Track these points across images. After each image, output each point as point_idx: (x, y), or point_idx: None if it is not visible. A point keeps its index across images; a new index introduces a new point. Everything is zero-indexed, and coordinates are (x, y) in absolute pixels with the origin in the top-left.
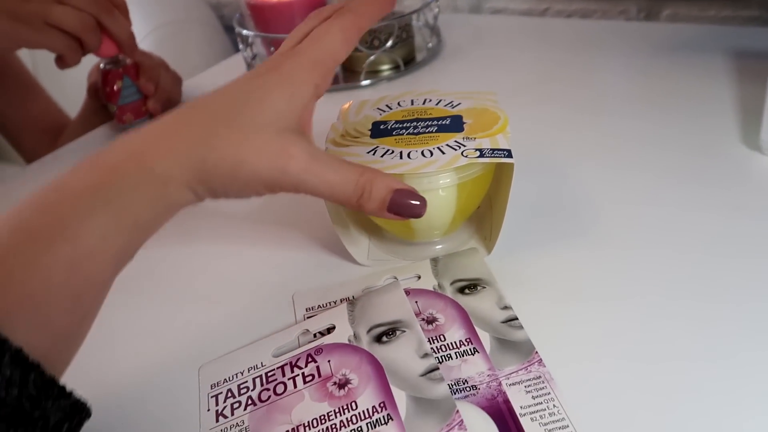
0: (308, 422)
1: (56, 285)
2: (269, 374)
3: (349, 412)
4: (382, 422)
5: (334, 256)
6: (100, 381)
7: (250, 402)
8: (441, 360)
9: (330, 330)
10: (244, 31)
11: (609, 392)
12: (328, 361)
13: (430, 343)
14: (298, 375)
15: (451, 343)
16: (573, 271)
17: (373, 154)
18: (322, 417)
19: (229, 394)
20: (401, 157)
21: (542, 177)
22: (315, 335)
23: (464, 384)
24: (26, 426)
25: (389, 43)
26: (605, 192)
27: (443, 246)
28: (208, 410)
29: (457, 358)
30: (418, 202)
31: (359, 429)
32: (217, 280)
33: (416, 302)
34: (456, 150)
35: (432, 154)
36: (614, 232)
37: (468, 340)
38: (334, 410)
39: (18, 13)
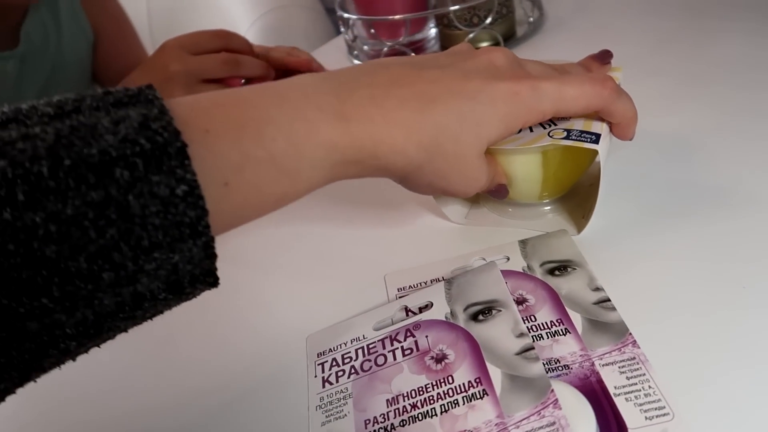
0: (407, 393)
1: (260, 207)
2: (370, 346)
3: (445, 385)
4: (478, 397)
5: (424, 238)
6: (219, 347)
7: (353, 371)
8: (532, 340)
9: (427, 307)
10: (345, 14)
11: (706, 374)
12: (426, 336)
13: None
14: (398, 348)
15: (542, 324)
16: (672, 253)
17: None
18: (420, 389)
19: (334, 363)
20: None
21: (649, 155)
22: (410, 311)
23: (556, 363)
24: (176, 294)
25: (488, 20)
26: (718, 169)
27: (539, 221)
28: (315, 376)
29: (548, 338)
30: (503, 194)
31: (455, 402)
32: (318, 258)
33: (506, 283)
34: (545, 129)
35: (520, 131)
36: (725, 213)
37: (559, 320)
38: (432, 383)
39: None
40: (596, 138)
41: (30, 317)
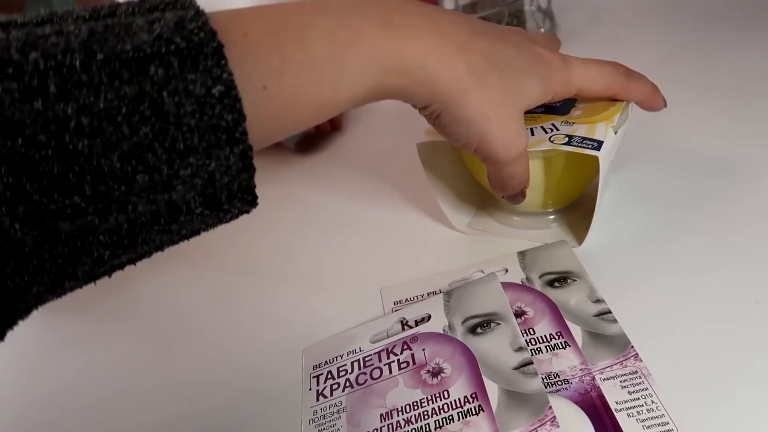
0: (401, 407)
1: (301, 115)
2: (366, 359)
3: (441, 400)
4: (473, 413)
5: (421, 251)
6: (215, 357)
7: (348, 384)
8: (531, 354)
9: (425, 319)
10: None
11: (712, 389)
12: (423, 349)
13: None
14: (394, 361)
15: (541, 337)
16: (678, 265)
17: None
18: (415, 403)
19: (329, 376)
20: None
21: (658, 166)
22: (407, 324)
23: (556, 378)
24: (212, 210)
25: None
26: (729, 181)
27: (543, 231)
28: (310, 389)
29: (547, 351)
30: (520, 199)
31: (450, 417)
32: (315, 270)
33: (505, 295)
34: (547, 133)
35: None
36: (736, 226)
37: (558, 333)
38: (427, 397)
39: None
40: (598, 145)
41: (62, 216)
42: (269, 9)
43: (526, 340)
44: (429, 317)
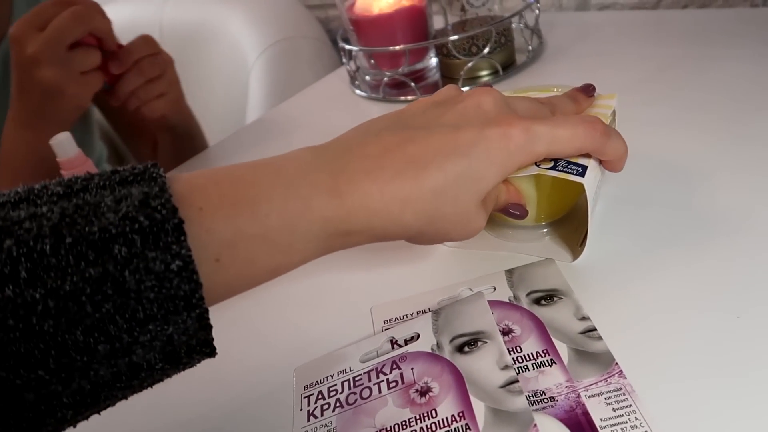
0: (390, 427)
1: (255, 279)
2: (357, 379)
3: (429, 419)
4: (460, 431)
5: (411, 269)
6: (202, 378)
7: (338, 404)
8: (518, 371)
9: (414, 338)
10: (347, 46)
11: (695, 406)
12: (411, 368)
13: None
14: (383, 381)
15: (528, 355)
16: (662, 281)
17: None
18: (404, 423)
19: (320, 396)
20: None
21: (643, 182)
22: (396, 343)
23: (542, 395)
24: (172, 365)
25: (486, 50)
26: (713, 198)
27: (530, 244)
28: (301, 410)
29: (534, 369)
30: (522, 213)
31: None
32: (306, 289)
33: (492, 313)
34: None
35: None
36: (718, 242)
37: (545, 351)
38: (415, 417)
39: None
40: (582, 170)
41: (27, 389)
42: (225, 176)
43: (513, 358)
44: (418, 336)
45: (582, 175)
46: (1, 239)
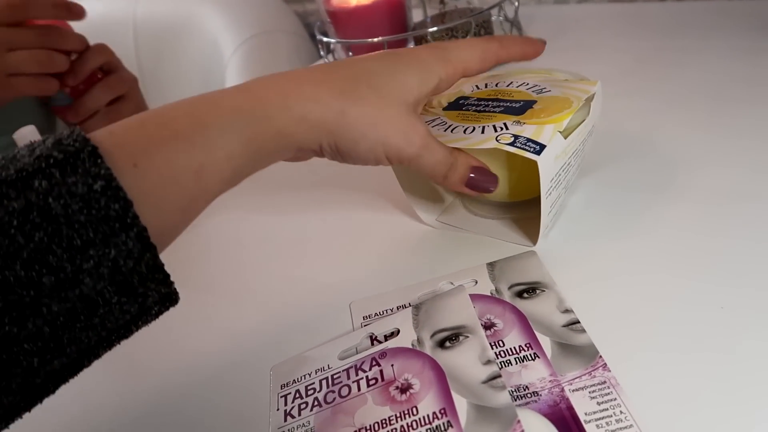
0: (370, 425)
1: (182, 185)
2: (335, 376)
3: (409, 417)
4: (442, 429)
5: (390, 264)
6: (178, 376)
7: (316, 403)
8: (501, 366)
9: (393, 334)
10: (325, 39)
11: (680, 398)
12: (392, 365)
13: None
14: (362, 378)
15: (511, 349)
16: (642, 273)
17: (429, 124)
18: (384, 421)
19: (297, 395)
20: (445, 131)
21: (625, 173)
22: (376, 340)
23: (525, 390)
24: (128, 297)
25: None
26: (696, 189)
27: (501, 226)
28: (278, 409)
29: (517, 363)
30: (489, 179)
31: None
32: (283, 286)
33: (474, 307)
34: (495, 132)
35: (473, 131)
36: (702, 232)
37: (528, 345)
38: (396, 414)
39: None
40: (540, 148)
41: None
42: (138, 118)
43: (495, 353)
44: (398, 332)
45: (538, 153)
46: None
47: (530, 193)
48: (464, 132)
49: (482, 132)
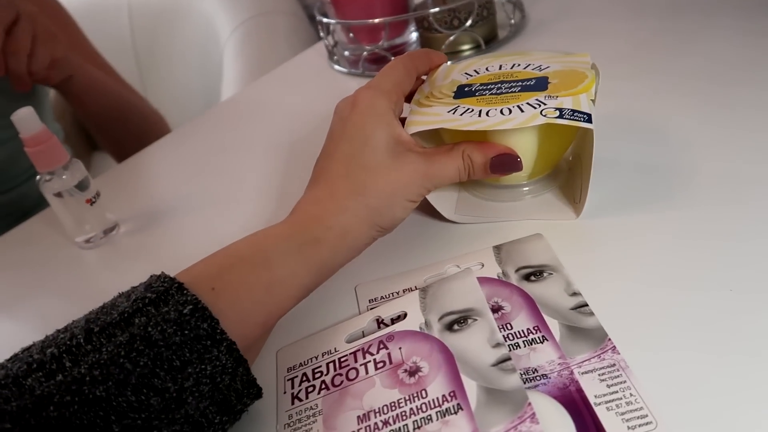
0: (378, 408)
1: (256, 300)
2: (342, 360)
3: (418, 399)
4: (452, 411)
5: (396, 247)
6: None
7: (323, 386)
8: (509, 349)
9: (401, 317)
10: (325, 19)
11: (690, 381)
12: (399, 348)
13: None
14: (370, 361)
15: (519, 332)
16: (650, 256)
17: (453, 113)
18: (392, 404)
19: (304, 378)
20: (479, 115)
21: (631, 156)
22: (383, 323)
23: (534, 373)
24: (228, 416)
25: (469, 22)
26: (703, 171)
27: (527, 207)
28: (285, 393)
29: (525, 346)
30: (516, 160)
31: (429, 417)
32: None
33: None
34: (535, 108)
35: (511, 111)
36: (711, 215)
37: (536, 328)
38: (404, 397)
39: None
40: (588, 117)
41: None
42: (204, 259)
43: (503, 336)
44: (405, 315)
45: (589, 121)
46: (44, 351)
47: (544, 170)
48: (502, 113)
49: (521, 111)
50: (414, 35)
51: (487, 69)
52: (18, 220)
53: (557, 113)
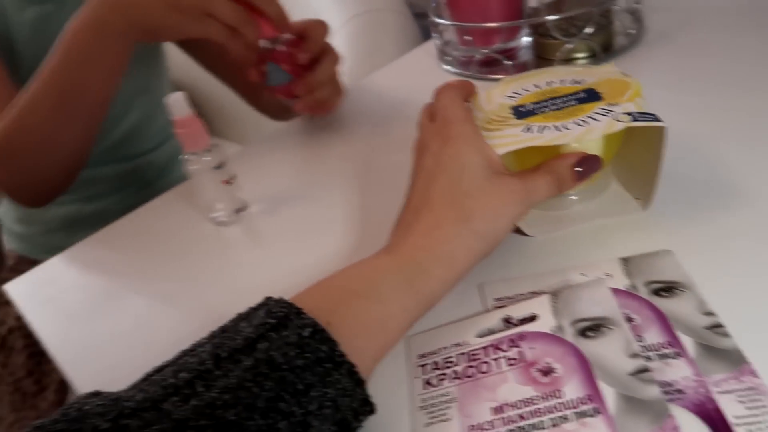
0: (513, 402)
1: (371, 336)
2: (473, 353)
3: (554, 399)
4: (589, 414)
5: (515, 250)
6: None
7: (455, 375)
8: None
9: (530, 319)
10: (438, 20)
11: None
12: (531, 348)
13: None
14: (501, 357)
15: (650, 345)
16: None
17: (529, 131)
18: (528, 400)
19: (435, 366)
20: (560, 130)
21: (757, 167)
22: (510, 321)
23: (668, 387)
24: None
25: (589, 30)
26: None
27: (590, 210)
28: (416, 377)
29: (657, 360)
30: (598, 159)
31: (565, 417)
32: None
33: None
34: (606, 116)
35: (587, 122)
36: None
37: (669, 343)
38: (540, 395)
39: (180, 5)
40: (654, 117)
41: None
42: (312, 287)
43: None
44: (536, 317)
45: (659, 119)
46: (176, 374)
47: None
48: (579, 125)
49: (596, 120)
50: (525, 40)
51: (526, 90)
52: (139, 191)
53: (630, 118)
